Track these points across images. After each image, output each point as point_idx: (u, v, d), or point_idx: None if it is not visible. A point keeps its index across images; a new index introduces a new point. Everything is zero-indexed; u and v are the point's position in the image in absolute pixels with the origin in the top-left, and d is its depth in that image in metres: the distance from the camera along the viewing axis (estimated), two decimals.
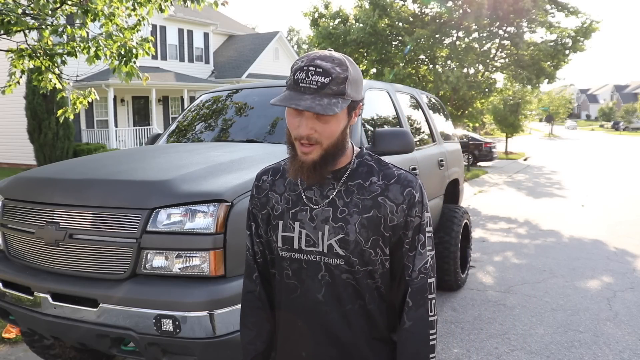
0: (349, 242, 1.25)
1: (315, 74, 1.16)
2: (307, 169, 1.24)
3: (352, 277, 1.28)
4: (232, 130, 3.57)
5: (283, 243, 1.33)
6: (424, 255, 1.28)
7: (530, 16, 13.14)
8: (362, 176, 1.29)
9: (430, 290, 1.28)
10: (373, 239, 1.26)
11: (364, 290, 1.28)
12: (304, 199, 1.31)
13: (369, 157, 1.33)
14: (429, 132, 4.97)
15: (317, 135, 1.20)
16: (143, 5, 5.06)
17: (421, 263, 1.27)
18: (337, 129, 1.22)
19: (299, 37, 55.30)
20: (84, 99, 5.41)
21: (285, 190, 1.35)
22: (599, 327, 4.07)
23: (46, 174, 2.65)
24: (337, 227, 1.26)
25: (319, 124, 1.20)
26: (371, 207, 1.26)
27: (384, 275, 1.30)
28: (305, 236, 1.29)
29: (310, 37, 16.16)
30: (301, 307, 1.32)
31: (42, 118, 14.40)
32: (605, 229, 7.81)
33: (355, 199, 1.27)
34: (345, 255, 1.26)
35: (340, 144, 1.25)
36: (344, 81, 1.18)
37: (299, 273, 1.32)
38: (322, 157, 1.23)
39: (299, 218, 1.30)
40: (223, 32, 25.63)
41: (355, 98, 1.23)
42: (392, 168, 1.31)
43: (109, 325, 2.14)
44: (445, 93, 13.96)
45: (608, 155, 24.36)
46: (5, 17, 4.33)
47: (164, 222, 2.12)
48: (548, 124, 50.39)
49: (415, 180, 1.29)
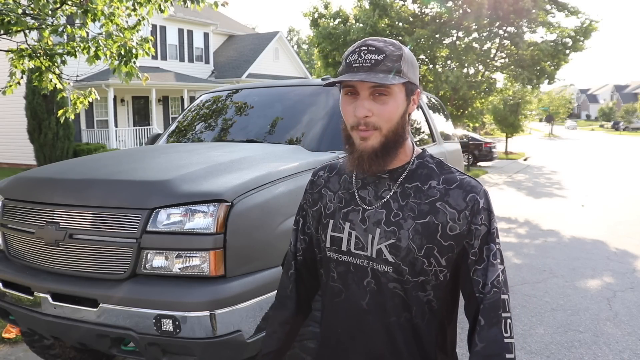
0: (400, 249, 1.16)
1: (368, 52, 1.12)
2: (367, 156, 1.15)
3: (401, 287, 1.18)
4: (232, 130, 3.57)
5: (331, 243, 1.26)
6: (496, 267, 1.14)
7: (530, 16, 13.14)
8: (421, 178, 1.20)
9: (504, 307, 1.13)
10: (427, 247, 1.15)
11: (412, 302, 1.18)
12: (357, 198, 1.24)
13: (430, 159, 1.24)
14: (429, 132, 4.97)
15: (375, 118, 1.13)
16: (143, 5, 5.06)
17: (493, 276, 1.13)
18: (396, 112, 1.15)
19: (299, 37, 55.32)
20: (85, 98, 5.42)
21: (339, 189, 1.29)
22: (599, 327, 4.07)
23: (46, 174, 2.65)
24: (389, 231, 1.17)
25: (376, 105, 1.13)
26: (428, 213, 1.16)
27: (437, 288, 1.18)
28: (355, 238, 1.21)
29: (310, 37, 16.17)
30: (344, 312, 1.25)
31: (42, 118, 14.40)
32: (605, 229, 7.81)
33: (412, 203, 1.18)
34: (395, 263, 1.16)
35: (401, 130, 1.17)
36: (399, 59, 1.13)
37: (344, 277, 1.24)
38: (383, 144, 1.15)
39: (350, 218, 1.23)
40: (223, 32, 25.63)
41: (413, 80, 1.17)
42: (454, 172, 1.20)
43: (109, 325, 2.13)
44: (445, 93, 13.96)
45: (608, 155, 24.36)
46: (5, 17, 4.34)
47: (164, 222, 2.12)
48: (548, 124, 50.40)
49: (479, 186, 1.18)
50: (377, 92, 1.13)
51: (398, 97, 1.15)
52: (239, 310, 2.07)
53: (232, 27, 26.92)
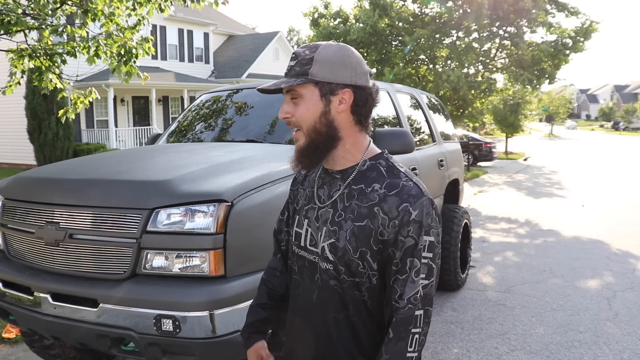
0: (338, 249, 1.20)
1: (290, 59, 1.22)
2: (296, 154, 1.24)
3: (339, 285, 1.21)
4: (232, 130, 3.57)
5: (295, 238, 1.34)
6: (416, 283, 1.13)
7: (530, 16, 13.14)
8: (367, 181, 1.20)
9: (415, 323, 1.13)
10: (361, 250, 1.17)
11: (349, 301, 1.21)
12: (315, 196, 1.30)
13: (384, 161, 1.24)
14: (429, 132, 4.97)
15: (294, 119, 1.21)
16: (143, 5, 5.06)
17: (412, 292, 1.13)
18: (307, 113, 1.19)
19: (299, 37, 55.30)
20: (85, 98, 5.41)
21: (308, 186, 1.35)
22: (599, 327, 4.07)
23: (46, 174, 2.65)
24: (331, 230, 1.22)
25: (292, 106, 1.21)
26: (365, 217, 1.17)
27: (372, 290, 1.20)
28: (310, 235, 1.28)
29: (310, 37, 16.16)
30: (300, 305, 1.32)
31: (42, 118, 14.39)
32: (605, 229, 7.81)
33: (354, 205, 1.20)
34: (334, 262, 1.21)
35: (325, 132, 1.20)
36: (310, 62, 1.17)
37: (302, 271, 1.31)
38: (308, 143, 1.21)
39: (308, 215, 1.30)
40: (223, 32, 25.62)
41: (328, 79, 1.17)
42: (401, 179, 1.19)
43: (109, 325, 2.13)
44: (445, 93, 13.96)
45: (608, 155, 24.36)
46: (5, 17, 4.34)
47: (164, 222, 2.12)
48: (548, 124, 50.40)
49: (418, 196, 1.15)
50: (291, 95, 1.21)
51: (309, 99, 1.19)
52: (239, 310, 2.07)
53: (232, 27, 26.91)
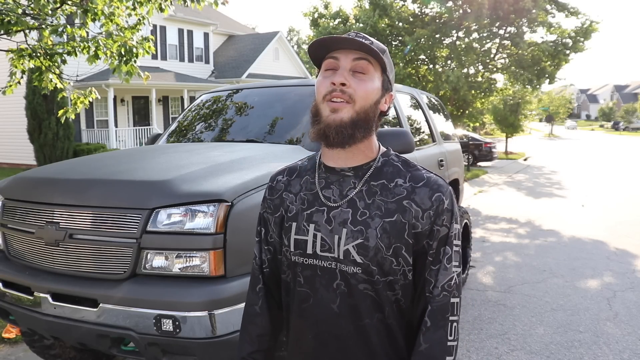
0: (368, 249, 1.13)
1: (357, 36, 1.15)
2: (335, 127, 1.12)
3: (371, 288, 1.15)
4: (232, 130, 3.57)
5: (295, 247, 1.21)
6: (449, 270, 1.14)
7: (530, 16, 13.15)
8: (387, 176, 1.17)
9: (452, 311, 1.13)
10: (395, 246, 1.13)
11: (384, 302, 1.15)
12: (322, 198, 1.19)
13: (395, 157, 1.22)
14: (429, 132, 4.97)
15: (351, 90, 1.12)
16: (143, 4, 5.06)
17: (445, 279, 1.13)
18: (372, 92, 1.14)
19: (299, 37, 55.31)
20: (85, 98, 5.41)
21: (301, 190, 1.24)
22: (599, 327, 4.07)
23: (46, 174, 2.65)
24: (356, 230, 1.14)
25: (354, 80, 1.13)
26: (395, 211, 1.13)
27: (405, 288, 1.16)
28: (321, 240, 1.17)
29: (310, 37, 16.18)
30: (314, 318, 1.20)
31: (42, 118, 14.39)
32: (605, 229, 7.80)
33: (378, 201, 1.15)
34: (364, 263, 1.13)
35: (372, 115, 1.16)
36: (383, 52, 1.17)
37: (312, 281, 1.19)
38: (353, 120, 1.12)
39: (314, 220, 1.19)
40: (223, 32, 25.62)
41: (390, 76, 1.19)
42: (421, 170, 1.19)
43: (109, 325, 2.14)
44: (445, 93, 13.97)
45: (608, 155, 24.36)
46: (5, 17, 4.33)
47: (164, 222, 2.12)
48: (548, 124, 50.40)
49: (445, 185, 1.16)
50: (357, 69, 1.14)
51: (375, 81, 1.16)
52: (239, 310, 2.05)
53: (232, 27, 26.91)
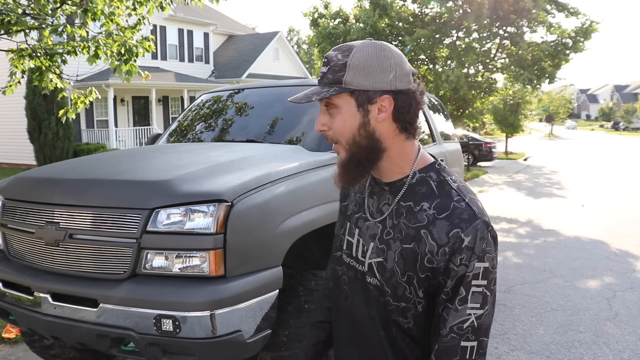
0: (385, 269, 1.09)
1: (322, 64, 1.08)
2: (338, 169, 1.11)
3: (384, 307, 1.12)
4: (232, 130, 3.57)
5: (346, 246, 1.21)
6: (461, 313, 1.02)
7: (530, 16, 13.15)
8: (416, 198, 1.08)
9: (463, 355, 1.03)
10: (408, 274, 1.07)
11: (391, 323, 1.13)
12: (365, 206, 1.18)
13: (435, 174, 1.10)
14: (429, 132, 4.96)
15: (332, 132, 1.09)
16: (143, 4, 5.06)
17: (455, 321, 1.02)
18: (344, 125, 1.06)
19: (299, 37, 55.32)
20: (85, 98, 5.42)
21: (358, 190, 1.23)
22: (599, 327, 4.07)
23: (46, 174, 2.65)
24: (380, 248, 1.11)
25: (328, 118, 1.09)
26: (412, 239, 1.06)
27: (417, 318, 1.10)
28: (362, 246, 1.15)
29: (310, 37, 16.18)
30: (348, 318, 1.21)
31: (42, 118, 14.40)
32: (605, 229, 7.81)
33: (402, 224, 1.08)
34: (380, 282, 1.10)
35: (367, 144, 1.07)
36: (343, 68, 1.03)
37: (353, 282, 1.18)
38: (349, 157, 1.08)
39: (359, 225, 1.18)
40: (223, 32, 25.63)
41: (364, 87, 1.03)
42: (453, 198, 1.05)
43: (109, 325, 2.13)
44: (445, 93, 13.97)
45: (608, 155, 24.36)
46: (5, 17, 4.34)
47: (164, 222, 2.12)
48: (548, 124, 50.42)
49: (472, 220, 1.03)
50: (327, 106, 1.09)
51: (345, 110, 1.06)
52: (239, 310, 2.07)
53: (232, 27, 26.91)
